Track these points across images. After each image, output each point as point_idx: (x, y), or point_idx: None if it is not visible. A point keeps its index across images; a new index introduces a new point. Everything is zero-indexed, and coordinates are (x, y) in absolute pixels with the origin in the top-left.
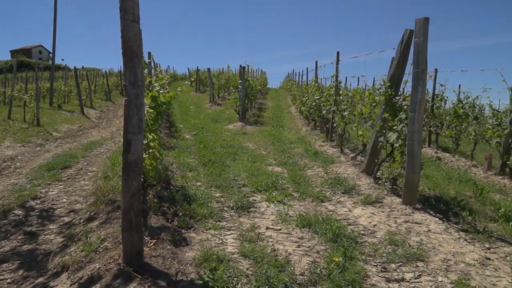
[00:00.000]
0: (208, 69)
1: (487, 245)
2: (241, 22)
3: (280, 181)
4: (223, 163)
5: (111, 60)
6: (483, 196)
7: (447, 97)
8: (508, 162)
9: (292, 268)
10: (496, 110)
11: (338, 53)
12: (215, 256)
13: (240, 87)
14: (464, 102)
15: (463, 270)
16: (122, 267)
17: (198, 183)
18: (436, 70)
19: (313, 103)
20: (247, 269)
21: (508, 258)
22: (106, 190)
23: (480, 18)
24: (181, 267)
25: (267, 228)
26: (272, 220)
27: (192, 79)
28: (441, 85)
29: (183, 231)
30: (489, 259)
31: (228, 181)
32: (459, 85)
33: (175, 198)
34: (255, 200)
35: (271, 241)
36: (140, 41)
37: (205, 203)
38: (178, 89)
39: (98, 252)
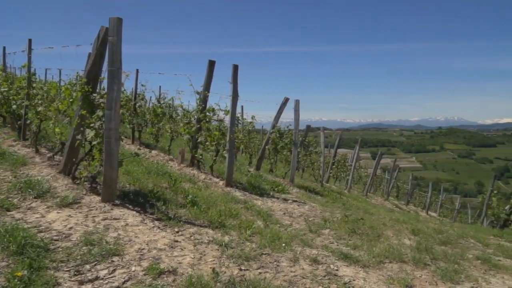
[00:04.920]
0: None
1: (176, 229)
2: None
3: None
4: None
5: None
6: (176, 186)
7: (150, 97)
8: (196, 155)
9: None
10: (187, 110)
11: (30, 40)
12: None
13: None
14: (161, 103)
15: (155, 255)
16: None
17: None
18: (137, 71)
19: (0, 96)
20: None
21: (192, 237)
22: None
23: (178, 29)
24: None
25: None
26: None
27: None
28: (142, 85)
29: None
30: (177, 241)
31: None
32: (160, 86)
33: None
34: None
35: None
36: None
37: None
38: None
39: None
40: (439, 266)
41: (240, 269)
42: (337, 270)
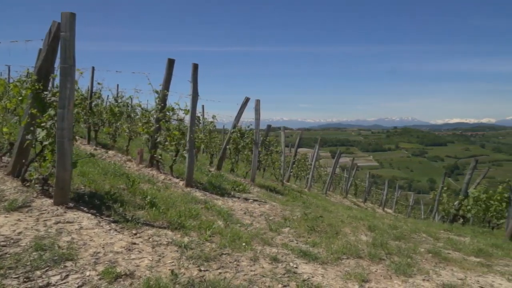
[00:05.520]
0: None
1: (134, 231)
2: None
3: None
4: None
5: None
6: (134, 187)
7: (108, 96)
8: (155, 155)
9: None
10: (145, 110)
11: None
12: None
13: None
14: (119, 101)
15: (111, 259)
16: None
17: None
18: (93, 68)
19: None
20: None
21: (150, 239)
22: None
23: (136, 27)
24: None
25: None
26: None
27: None
28: (99, 83)
29: None
30: (135, 243)
31: None
32: (117, 85)
33: None
34: None
35: None
36: None
37: None
38: None
39: None
40: (393, 261)
41: (200, 270)
42: (296, 267)
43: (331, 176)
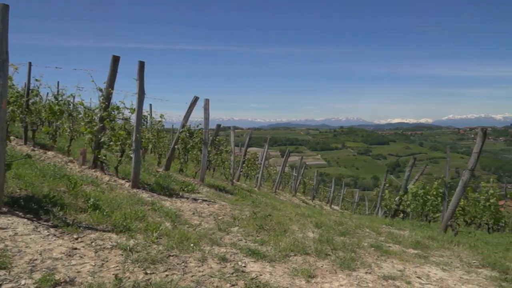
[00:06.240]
0: None
1: (75, 236)
2: None
3: None
4: None
5: None
6: (76, 189)
7: (47, 93)
8: (99, 156)
9: None
10: (88, 108)
11: None
12: None
13: None
14: (60, 99)
15: (50, 266)
16: None
17: None
18: (30, 64)
19: None
20: None
21: (93, 243)
22: None
23: (78, 21)
24: None
25: None
26: None
27: None
28: (37, 80)
29: None
30: (76, 248)
31: None
32: (58, 82)
33: None
34: None
35: None
36: None
37: None
38: None
39: None
40: (338, 256)
41: (146, 273)
42: (244, 266)
43: (281, 175)
